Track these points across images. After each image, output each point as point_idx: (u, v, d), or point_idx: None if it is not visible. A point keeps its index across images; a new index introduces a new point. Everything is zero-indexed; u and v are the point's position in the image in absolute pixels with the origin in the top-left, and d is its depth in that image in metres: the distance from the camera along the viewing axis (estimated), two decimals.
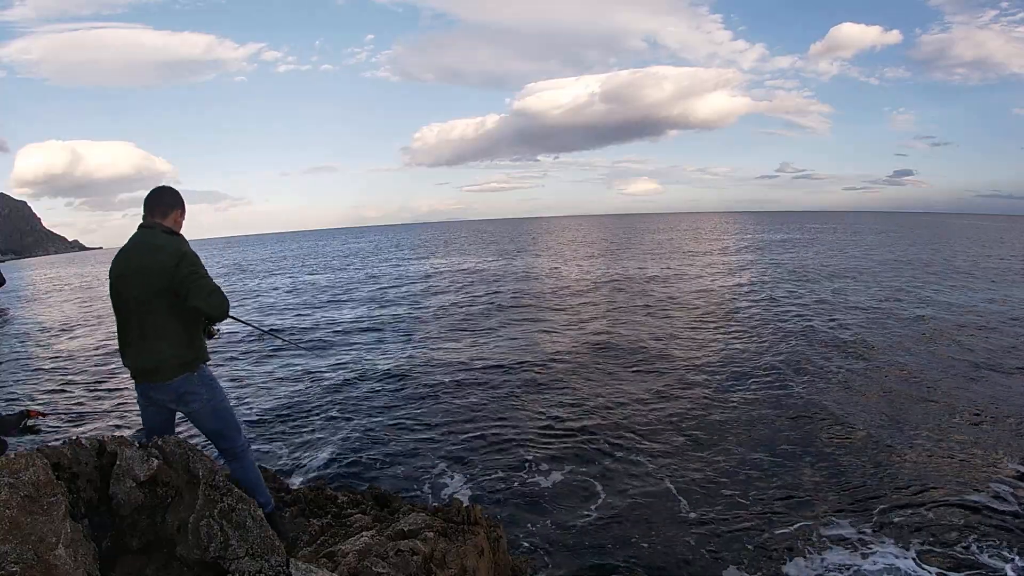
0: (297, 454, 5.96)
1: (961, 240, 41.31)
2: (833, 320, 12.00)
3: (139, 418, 2.90)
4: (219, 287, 2.63)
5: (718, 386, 7.80)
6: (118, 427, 6.84)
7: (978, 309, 12.82)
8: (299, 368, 9.42)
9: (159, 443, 2.04)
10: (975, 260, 24.76)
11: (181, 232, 2.80)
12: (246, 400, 7.79)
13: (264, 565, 1.90)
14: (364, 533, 2.79)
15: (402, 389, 8.11)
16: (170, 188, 2.80)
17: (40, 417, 3.05)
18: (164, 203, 2.73)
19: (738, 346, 10.01)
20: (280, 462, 5.73)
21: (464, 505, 3.17)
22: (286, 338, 5.86)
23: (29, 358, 11.39)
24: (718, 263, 25.96)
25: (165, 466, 1.93)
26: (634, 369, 8.78)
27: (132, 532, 1.79)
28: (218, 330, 3.06)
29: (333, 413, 7.15)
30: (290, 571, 1.95)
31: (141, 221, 2.73)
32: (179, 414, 2.88)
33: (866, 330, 10.97)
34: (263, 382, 8.64)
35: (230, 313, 2.80)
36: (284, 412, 7.24)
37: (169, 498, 1.89)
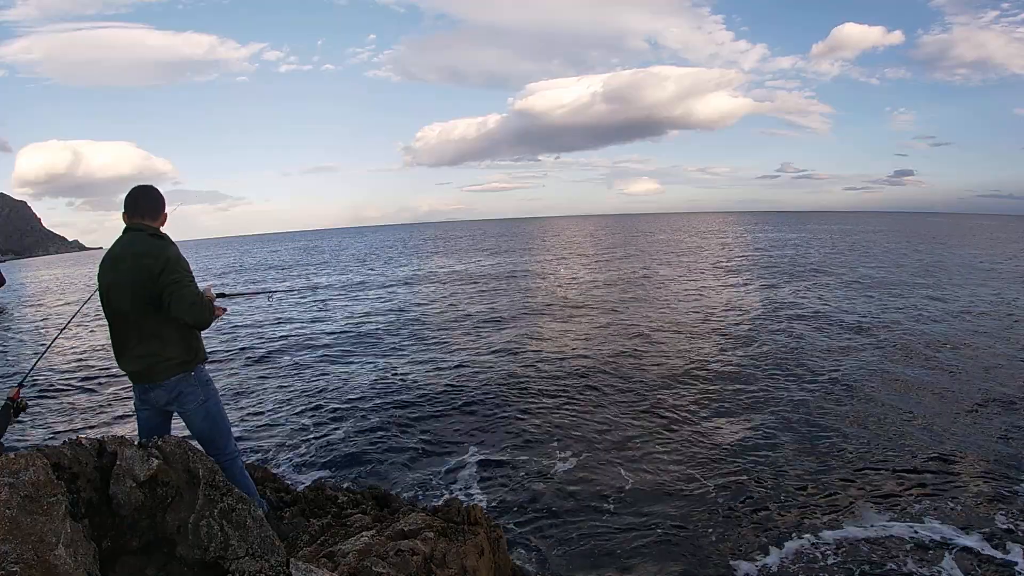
0: (297, 454, 5.95)
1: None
2: (852, 317, 12.02)
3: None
4: (201, 295, 2.60)
5: (733, 382, 7.80)
6: (118, 427, 6.84)
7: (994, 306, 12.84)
8: (299, 369, 9.42)
9: (159, 443, 2.04)
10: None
11: (165, 232, 2.75)
12: (246, 400, 7.79)
13: (264, 565, 1.90)
14: (364, 533, 2.79)
15: (402, 389, 8.11)
16: (151, 186, 2.75)
17: (22, 389, 2.99)
18: (148, 203, 2.68)
19: (752, 343, 10.02)
20: (280, 462, 5.73)
21: (464, 505, 3.17)
22: (280, 290, 5.67)
23: (29, 358, 11.39)
24: (726, 261, 25.96)
25: (165, 466, 1.93)
26: (644, 366, 8.77)
27: (132, 532, 1.79)
28: (222, 309, 3.01)
29: (333, 413, 7.15)
30: (290, 571, 1.95)
31: (126, 223, 2.67)
32: (175, 421, 2.87)
33: (885, 326, 10.98)
34: (263, 383, 8.65)
35: (224, 291, 2.80)
36: (284, 412, 7.24)
37: (169, 498, 1.89)
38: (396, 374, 8.89)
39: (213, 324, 2.88)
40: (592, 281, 20.48)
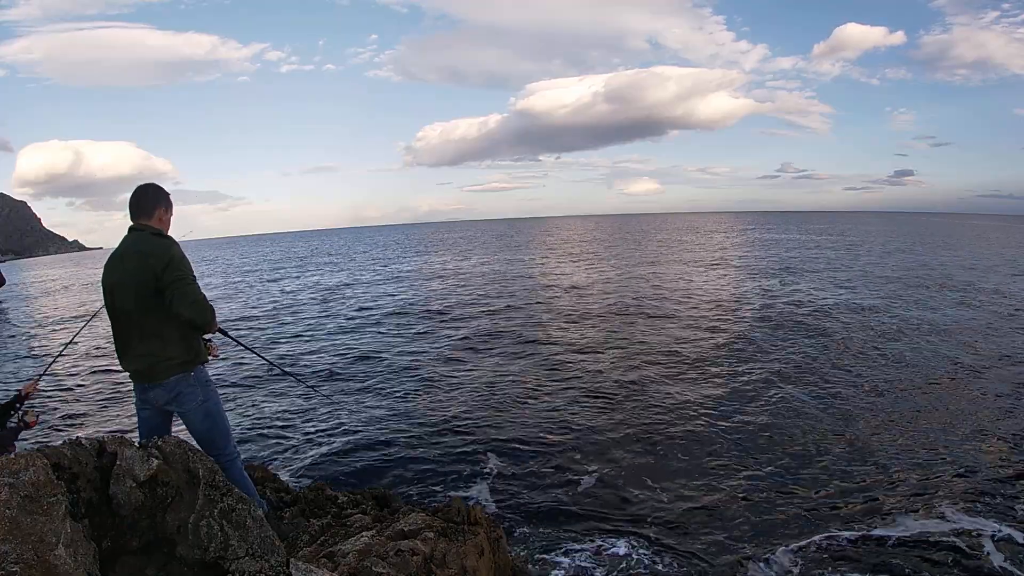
0: (298, 454, 5.95)
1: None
2: (865, 317, 12.01)
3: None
4: (204, 296, 2.60)
5: (747, 382, 7.79)
6: (118, 427, 6.84)
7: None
8: (299, 369, 9.42)
9: (159, 443, 2.03)
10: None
11: (169, 232, 2.75)
12: (247, 401, 7.79)
13: (264, 565, 1.89)
14: (364, 533, 2.79)
15: (401, 390, 8.11)
16: (153, 185, 2.75)
17: (35, 391, 3.17)
18: (147, 203, 2.69)
19: (765, 342, 10.01)
20: (280, 462, 5.73)
21: (464, 505, 3.17)
22: (288, 370, 5.63)
23: (28, 358, 11.39)
24: (730, 261, 25.95)
25: (165, 466, 1.93)
26: (645, 369, 8.76)
27: (132, 532, 1.79)
28: (215, 345, 3.04)
29: (333, 415, 7.15)
30: (290, 571, 1.95)
31: (130, 223, 2.69)
32: (176, 422, 2.87)
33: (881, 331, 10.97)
34: (264, 383, 8.64)
35: (230, 335, 2.83)
36: (285, 413, 7.24)
37: (169, 498, 1.89)
38: (395, 374, 8.89)
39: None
40: (595, 280, 20.47)
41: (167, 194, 2.77)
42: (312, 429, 6.62)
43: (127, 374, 2.75)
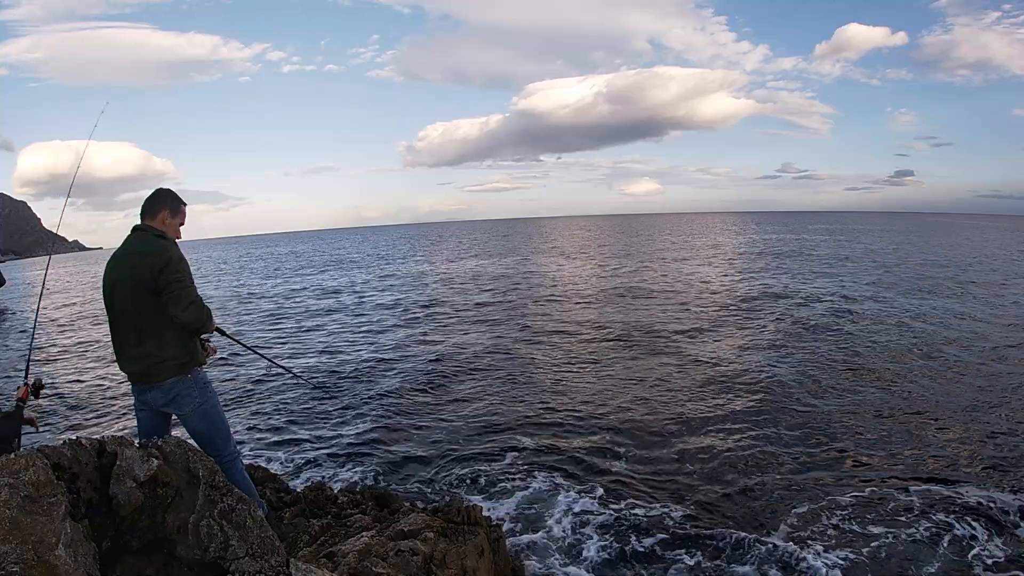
0: (298, 454, 5.95)
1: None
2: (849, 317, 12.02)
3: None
4: (200, 298, 2.63)
5: (732, 385, 7.80)
6: (118, 427, 6.84)
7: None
8: (299, 369, 9.41)
9: (159, 443, 2.04)
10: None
11: (172, 234, 2.77)
12: (247, 400, 7.78)
13: (264, 565, 1.89)
14: (364, 533, 2.79)
15: (403, 389, 8.11)
16: (162, 190, 2.79)
17: (32, 395, 3.11)
18: (152, 204, 2.74)
19: (756, 348, 10.01)
20: (281, 463, 5.73)
21: (464, 505, 3.17)
22: (289, 368, 5.66)
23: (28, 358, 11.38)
24: (728, 261, 25.97)
25: (165, 466, 1.93)
26: (649, 369, 8.74)
27: (132, 532, 1.79)
28: (213, 347, 3.04)
29: (334, 413, 7.15)
30: (290, 571, 1.95)
31: (136, 223, 2.74)
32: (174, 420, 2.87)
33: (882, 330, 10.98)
34: (264, 382, 8.64)
35: (229, 334, 2.84)
36: (285, 412, 7.24)
37: (169, 498, 1.89)
38: (396, 373, 8.89)
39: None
40: (596, 277, 20.47)
41: (176, 200, 2.79)
42: (312, 428, 6.62)
43: (125, 375, 2.76)
